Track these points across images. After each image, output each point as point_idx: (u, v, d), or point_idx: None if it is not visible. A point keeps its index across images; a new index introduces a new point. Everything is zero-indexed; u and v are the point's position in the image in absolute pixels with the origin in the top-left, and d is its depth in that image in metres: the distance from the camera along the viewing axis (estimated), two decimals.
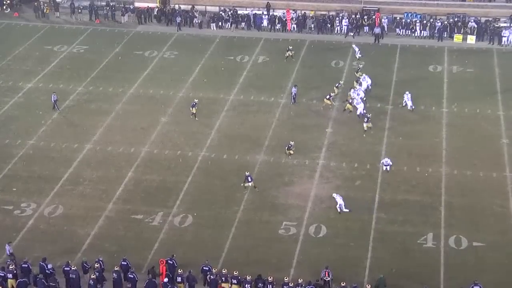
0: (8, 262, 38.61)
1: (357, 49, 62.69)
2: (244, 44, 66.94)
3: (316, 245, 41.01)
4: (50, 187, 46.26)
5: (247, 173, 45.49)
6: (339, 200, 43.11)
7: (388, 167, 46.45)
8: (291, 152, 48.44)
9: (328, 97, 54.70)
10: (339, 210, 43.01)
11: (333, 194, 43.65)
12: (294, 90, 55.68)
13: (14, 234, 41.95)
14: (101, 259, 38.39)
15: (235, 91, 57.93)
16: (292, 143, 48.88)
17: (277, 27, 70.01)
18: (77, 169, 48.14)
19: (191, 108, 53.21)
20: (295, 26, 69.78)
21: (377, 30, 67.03)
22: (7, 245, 39.77)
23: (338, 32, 69.31)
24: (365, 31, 69.21)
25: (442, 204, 44.17)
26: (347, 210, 43.03)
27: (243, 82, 59.60)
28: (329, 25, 69.27)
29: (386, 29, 68.67)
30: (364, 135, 50.99)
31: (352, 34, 67.95)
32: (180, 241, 41.46)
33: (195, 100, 53.79)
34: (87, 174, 47.63)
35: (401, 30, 68.91)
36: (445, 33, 67.80)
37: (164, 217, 43.32)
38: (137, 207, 44.33)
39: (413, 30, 68.51)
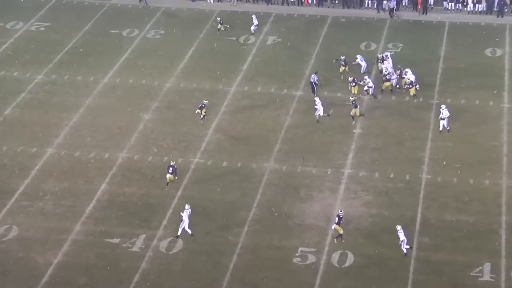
0: None
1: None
2: (249, 21, 67.00)
3: (340, 278, 40.98)
4: (1, 203, 46.38)
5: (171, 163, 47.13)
6: (401, 236, 42.22)
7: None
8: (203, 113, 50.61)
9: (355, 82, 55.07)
10: (404, 250, 42.08)
11: (397, 227, 42.57)
12: (314, 78, 55.74)
13: None
14: None
15: (237, 81, 58.06)
16: (205, 101, 51.66)
17: (292, 0, 70.16)
18: (35, 180, 48.27)
19: (198, 110, 53.08)
20: None
21: (391, 4, 67.39)
22: None
23: (369, 6, 69.36)
24: (403, 4, 69.30)
25: (502, 226, 44.13)
26: (408, 247, 42.26)
27: (248, 69, 59.71)
28: None
29: (431, 3, 68.73)
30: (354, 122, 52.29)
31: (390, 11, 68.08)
32: (168, 272, 41.49)
33: (204, 101, 53.64)
34: (48, 186, 47.76)
35: (450, 4, 68.99)
36: (506, 7, 67.86)
37: (147, 241, 43.39)
38: (112, 228, 44.42)
39: (464, 4, 68.56)
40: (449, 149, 50.44)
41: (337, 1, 69.81)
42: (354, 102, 52.77)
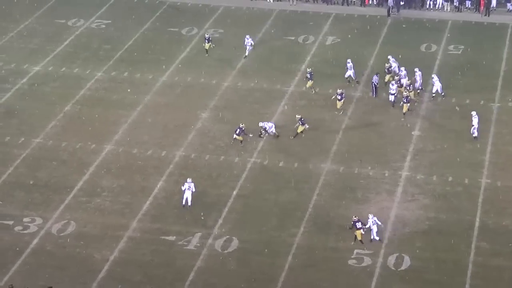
0: None
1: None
2: (308, 20, 66.93)
3: (397, 281, 40.75)
4: (60, 198, 47.04)
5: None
6: (369, 222, 42.94)
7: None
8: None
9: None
10: (373, 237, 42.84)
11: (369, 215, 43.24)
12: (375, 79, 55.50)
13: (14, 257, 42.77)
14: None
15: (295, 81, 58.04)
16: (242, 126, 50.23)
17: (352, 0, 70.00)
18: (94, 176, 48.86)
19: (236, 136, 50.77)
20: None
21: (389, 1, 67.31)
22: None
23: (431, 7, 68.87)
24: (466, 6, 68.67)
25: None
26: (377, 238, 42.82)
27: (306, 69, 59.58)
28: None
29: (494, 5, 67.95)
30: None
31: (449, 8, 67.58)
32: (222, 271, 41.65)
33: (240, 125, 50.95)
34: (106, 183, 48.30)
35: None
36: None
37: (203, 240, 43.61)
38: (168, 226, 44.75)
39: None
40: (511, 153, 49.83)
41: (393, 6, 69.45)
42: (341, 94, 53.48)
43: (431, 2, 68.88)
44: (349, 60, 57.11)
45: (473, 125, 50.57)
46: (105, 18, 68.44)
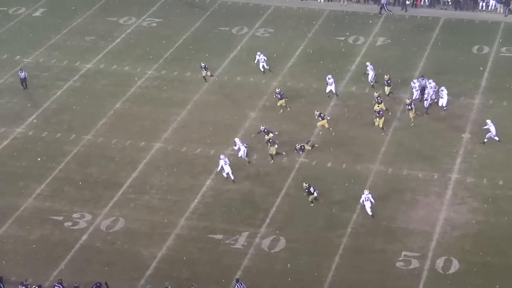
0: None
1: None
2: (358, 21, 66.74)
3: (445, 284, 40.53)
4: (109, 194, 47.53)
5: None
6: (363, 197, 44.33)
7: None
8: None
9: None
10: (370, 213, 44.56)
11: (364, 191, 44.58)
12: (424, 82, 55.03)
13: (63, 252, 43.32)
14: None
15: (345, 82, 57.87)
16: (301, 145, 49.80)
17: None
18: (142, 174, 49.25)
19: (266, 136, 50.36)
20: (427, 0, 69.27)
21: None
22: None
23: (483, 8, 68.23)
24: None
25: None
26: (370, 213, 44.24)
27: (356, 70, 59.44)
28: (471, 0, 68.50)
29: None
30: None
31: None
32: (269, 270, 41.76)
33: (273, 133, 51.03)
34: (155, 180, 48.65)
35: None
36: None
37: (250, 239, 43.75)
38: (215, 224, 44.97)
39: None
40: None
41: (450, 3, 68.86)
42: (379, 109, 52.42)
43: (484, 4, 68.22)
44: (329, 76, 55.59)
45: (490, 132, 50.16)
46: (156, 17, 68.88)
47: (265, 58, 58.87)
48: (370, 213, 44.47)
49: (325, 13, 68.49)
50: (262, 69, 58.97)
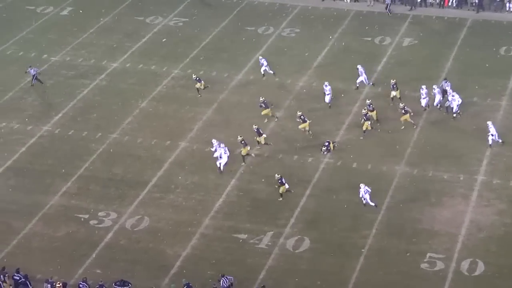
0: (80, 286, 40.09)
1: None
2: (386, 22, 66.53)
3: (470, 286, 40.32)
4: (135, 193, 47.66)
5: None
6: (361, 192, 44.63)
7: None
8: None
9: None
10: (364, 202, 44.96)
11: (360, 185, 44.73)
12: (444, 84, 54.74)
13: (89, 250, 43.50)
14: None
15: (370, 82, 57.61)
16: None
17: (430, 1, 69.26)
18: (168, 173, 49.35)
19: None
20: (454, 0, 68.81)
21: None
22: None
23: (511, 9, 67.83)
24: None
25: None
26: (373, 204, 44.46)
27: (382, 70, 59.29)
28: (499, 1, 68.03)
29: None
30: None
31: None
32: (293, 270, 41.72)
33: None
34: (180, 179, 48.74)
35: None
36: None
37: (274, 239, 43.73)
38: (240, 224, 44.99)
39: None
40: None
41: (477, 4, 68.51)
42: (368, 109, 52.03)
43: (511, 5, 67.77)
44: (326, 83, 54.99)
45: (492, 134, 49.71)
46: (183, 16, 69.01)
47: (267, 63, 58.19)
48: (372, 203, 44.69)
49: (351, 13, 68.34)
50: (263, 73, 58.51)
